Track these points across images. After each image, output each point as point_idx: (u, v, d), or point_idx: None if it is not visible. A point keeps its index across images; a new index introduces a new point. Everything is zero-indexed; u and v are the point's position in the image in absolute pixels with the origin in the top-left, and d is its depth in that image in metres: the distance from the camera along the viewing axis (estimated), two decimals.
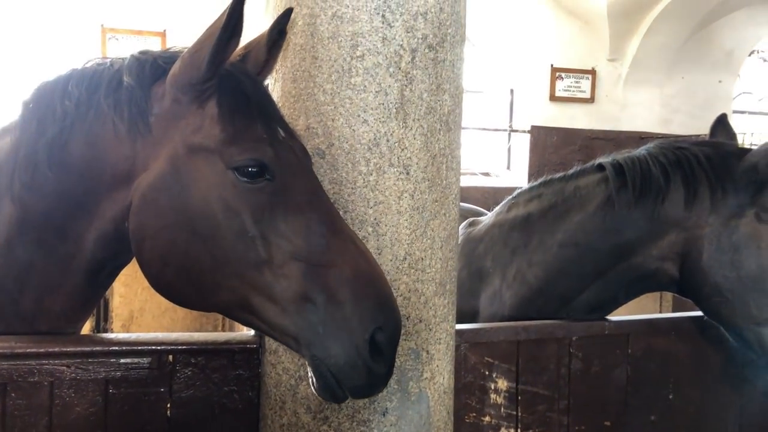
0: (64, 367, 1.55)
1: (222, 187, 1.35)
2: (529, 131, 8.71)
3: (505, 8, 8.60)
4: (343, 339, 1.28)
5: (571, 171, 2.58)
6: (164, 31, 8.00)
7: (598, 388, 2.17)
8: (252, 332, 1.71)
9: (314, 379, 1.34)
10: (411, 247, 1.62)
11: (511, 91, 9.11)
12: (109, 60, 1.56)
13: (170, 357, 1.64)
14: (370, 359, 1.29)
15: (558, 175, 2.62)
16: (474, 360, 2.00)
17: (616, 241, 2.29)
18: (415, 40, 1.60)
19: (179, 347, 1.64)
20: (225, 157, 1.35)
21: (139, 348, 1.61)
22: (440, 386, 1.71)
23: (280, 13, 1.69)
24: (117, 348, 1.60)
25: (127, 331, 7.40)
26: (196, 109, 1.41)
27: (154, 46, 7.94)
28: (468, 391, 2.00)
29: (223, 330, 7.90)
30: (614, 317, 2.29)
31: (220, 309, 1.43)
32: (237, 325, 6.70)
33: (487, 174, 8.99)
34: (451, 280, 1.76)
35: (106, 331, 6.42)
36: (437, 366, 1.70)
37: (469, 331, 1.99)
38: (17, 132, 1.55)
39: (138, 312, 7.25)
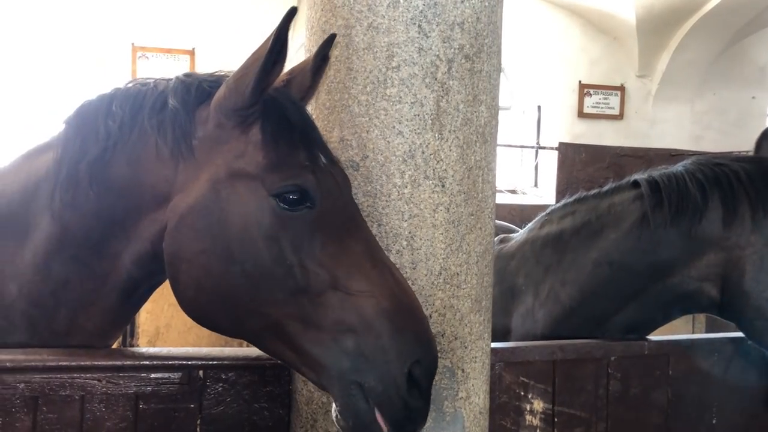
0: (96, 381, 1.53)
1: (262, 213, 1.33)
2: (556, 148, 8.62)
3: (532, 24, 8.58)
4: (380, 372, 1.26)
5: (605, 187, 2.52)
6: (193, 49, 8.12)
7: (638, 411, 2.09)
8: None
9: (346, 415, 1.29)
10: (446, 262, 1.58)
11: (539, 107, 9.06)
12: (152, 81, 1.56)
13: (200, 372, 1.61)
14: (407, 393, 1.26)
15: (592, 191, 2.56)
16: (509, 379, 1.94)
17: (651, 261, 2.22)
18: (452, 50, 1.57)
19: (210, 362, 1.61)
20: (267, 183, 1.34)
21: (170, 363, 1.58)
22: (476, 406, 1.65)
23: (311, 26, 1.68)
24: (148, 362, 1.57)
25: (153, 346, 7.42)
26: (240, 134, 1.40)
27: (183, 64, 8.06)
28: (503, 411, 1.94)
29: (250, 346, 7.88)
30: (654, 337, 2.21)
31: (251, 336, 1.40)
32: None
33: (513, 191, 8.92)
34: (487, 297, 1.71)
35: (132, 346, 6.43)
36: (473, 385, 1.64)
37: (504, 350, 1.94)
38: (59, 150, 1.55)
39: (164, 328, 7.26)
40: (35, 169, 1.61)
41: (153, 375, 1.57)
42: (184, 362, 1.59)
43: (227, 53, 8.29)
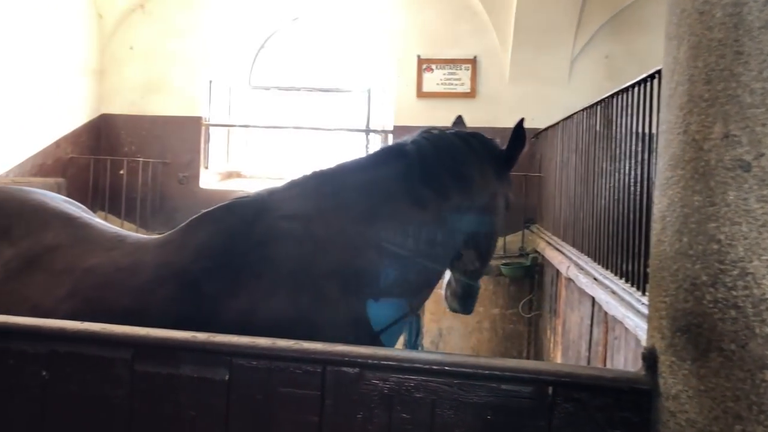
0: (447, 387, 1.52)
1: (505, 205, 2.72)
2: None
3: None
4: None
5: None
6: (474, 57, 8.26)
7: None
8: (643, 372, 1.49)
9: (457, 292, 2.82)
10: None
11: None
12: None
13: (550, 389, 1.51)
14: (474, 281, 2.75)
15: None
16: None
17: None
18: None
19: (562, 379, 1.50)
20: (508, 197, 2.74)
21: (521, 375, 1.51)
22: None
23: (681, 9, 1.47)
24: (499, 373, 1.51)
25: (436, 348, 7.69)
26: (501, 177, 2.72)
27: (465, 73, 8.25)
28: None
29: (528, 353, 7.77)
30: None
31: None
32: (542, 347, 6.44)
33: None
34: None
35: (418, 346, 6.67)
36: None
37: None
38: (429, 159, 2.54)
39: (446, 330, 7.50)
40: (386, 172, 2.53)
41: (503, 386, 1.51)
42: (535, 376, 1.50)
43: (505, 59, 8.33)
